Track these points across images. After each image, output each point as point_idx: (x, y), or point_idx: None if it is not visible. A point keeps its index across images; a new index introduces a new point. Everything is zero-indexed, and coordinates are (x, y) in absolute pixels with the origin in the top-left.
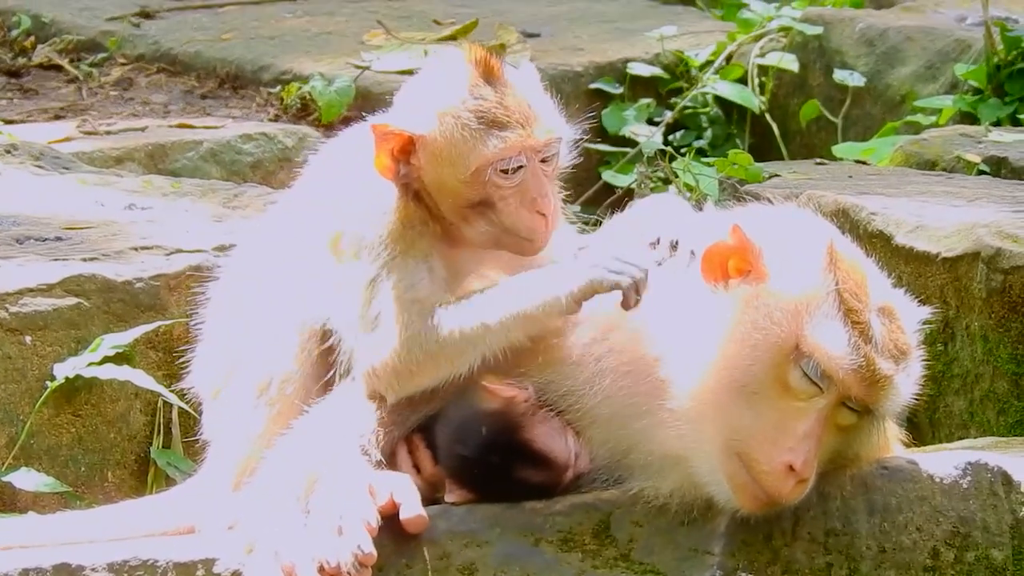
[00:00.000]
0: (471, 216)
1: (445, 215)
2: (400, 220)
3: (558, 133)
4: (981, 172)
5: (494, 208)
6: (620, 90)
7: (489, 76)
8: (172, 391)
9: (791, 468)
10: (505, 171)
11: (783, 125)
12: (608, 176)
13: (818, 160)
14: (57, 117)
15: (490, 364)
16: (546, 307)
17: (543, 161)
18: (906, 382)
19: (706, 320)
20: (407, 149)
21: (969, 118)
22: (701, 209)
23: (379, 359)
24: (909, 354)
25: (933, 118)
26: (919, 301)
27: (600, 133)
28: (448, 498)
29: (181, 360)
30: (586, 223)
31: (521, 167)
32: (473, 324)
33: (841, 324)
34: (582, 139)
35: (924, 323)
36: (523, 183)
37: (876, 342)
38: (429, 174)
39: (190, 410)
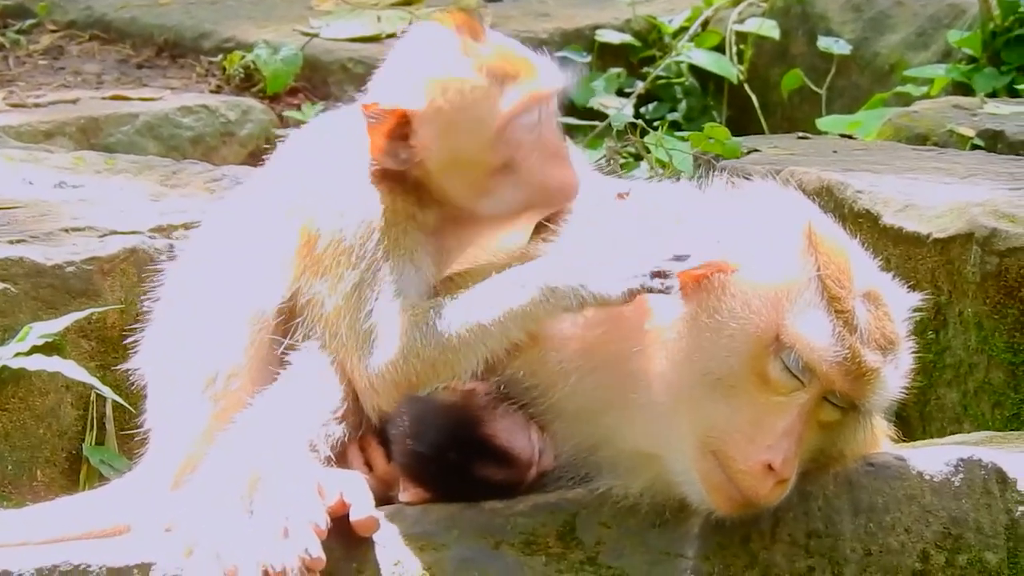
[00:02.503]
0: (492, 186)
1: (454, 199)
2: (384, 216)
3: (562, 80)
4: (975, 147)
5: (518, 169)
6: (588, 59)
7: (476, 36)
8: (106, 383)
9: (770, 467)
10: (526, 125)
11: (763, 96)
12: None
13: (801, 134)
14: None
15: (491, 366)
16: (549, 306)
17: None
18: (894, 375)
19: (679, 309)
20: (404, 130)
21: (963, 89)
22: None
23: (376, 372)
24: (897, 345)
25: (924, 89)
26: (909, 286)
27: (566, 105)
28: (402, 497)
29: (115, 350)
30: None
31: (536, 119)
32: (471, 326)
33: (824, 313)
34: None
35: (914, 311)
36: (541, 136)
37: (861, 332)
38: (438, 152)
39: (125, 403)
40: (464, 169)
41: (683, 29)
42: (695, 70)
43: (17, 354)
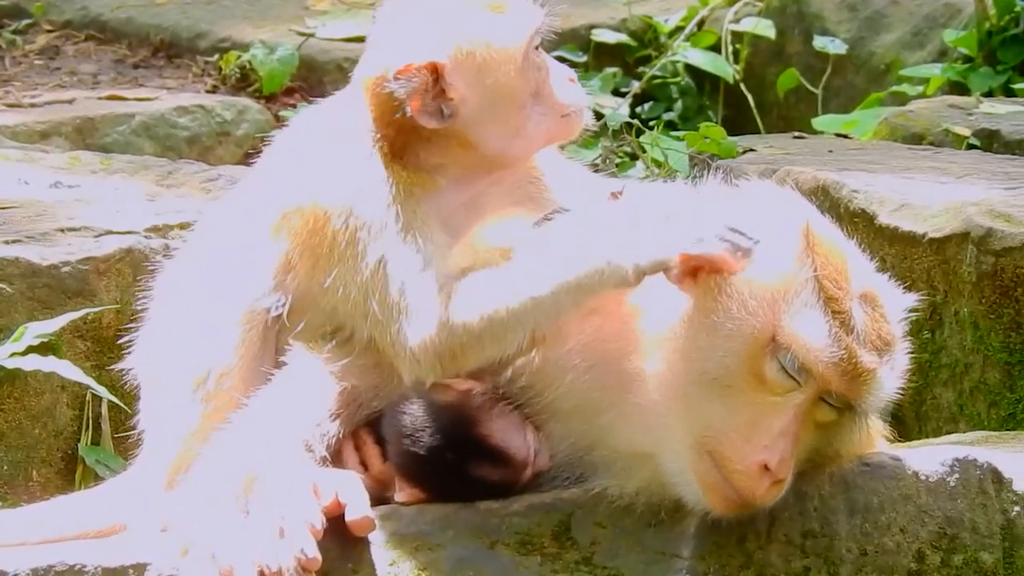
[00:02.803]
0: (523, 119)
1: (490, 143)
2: (395, 189)
3: (546, 7)
4: (971, 146)
5: (541, 95)
6: (584, 58)
7: None
8: (102, 383)
9: (766, 467)
10: (538, 47)
11: (759, 96)
12: (570, 151)
13: (796, 134)
14: None
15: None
16: (605, 277)
17: None
18: (890, 376)
19: (676, 308)
20: (440, 85)
21: (959, 88)
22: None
23: (417, 343)
24: (893, 345)
25: (920, 88)
26: (904, 286)
27: None
28: (397, 497)
29: (111, 350)
30: None
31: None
32: (521, 298)
33: (820, 314)
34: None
35: (910, 311)
36: (546, 60)
37: (858, 333)
38: (475, 96)
39: (120, 403)
40: (500, 107)
41: (679, 29)
42: (691, 70)
43: (13, 354)
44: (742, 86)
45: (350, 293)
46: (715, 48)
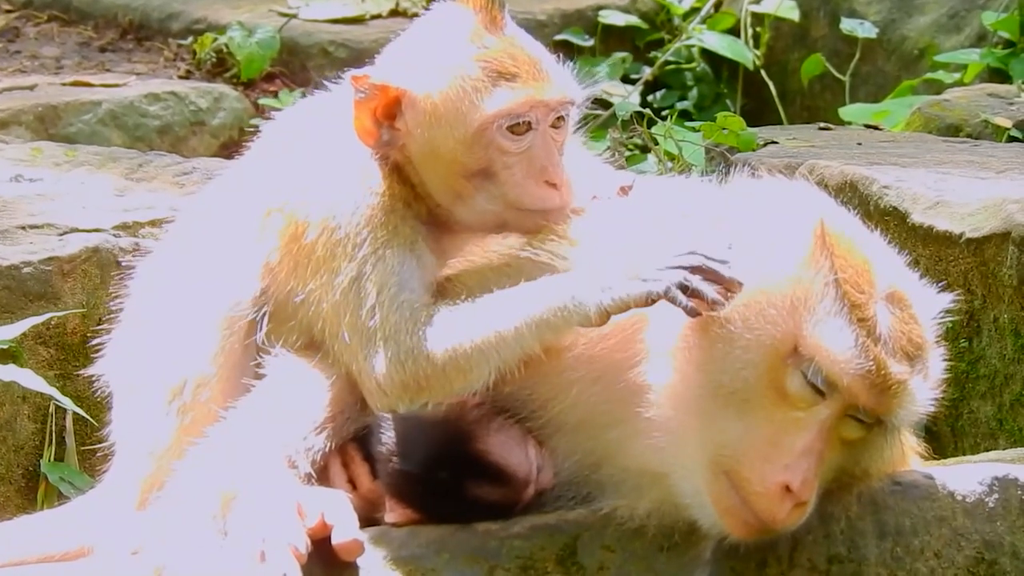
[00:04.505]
0: (467, 191)
1: (432, 194)
2: (381, 203)
3: (572, 94)
4: (1012, 138)
5: (496, 179)
6: (591, 42)
7: (492, 25)
8: (66, 394)
9: (787, 489)
10: (513, 130)
11: (781, 84)
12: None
13: (822, 124)
14: None
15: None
16: (568, 314)
17: (553, 126)
18: (923, 386)
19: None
20: (392, 109)
21: (999, 75)
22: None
23: (382, 373)
24: (925, 351)
25: (957, 75)
26: (939, 289)
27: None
28: (388, 518)
29: (76, 358)
30: None
31: (529, 129)
32: (486, 332)
33: (845, 321)
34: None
35: (945, 312)
36: (531, 149)
37: (885, 340)
38: (418, 140)
39: (86, 416)
40: (439, 166)
41: (694, 10)
42: (707, 55)
43: None
44: (763, 73)
45: (322, 310)
46: (734, 31)
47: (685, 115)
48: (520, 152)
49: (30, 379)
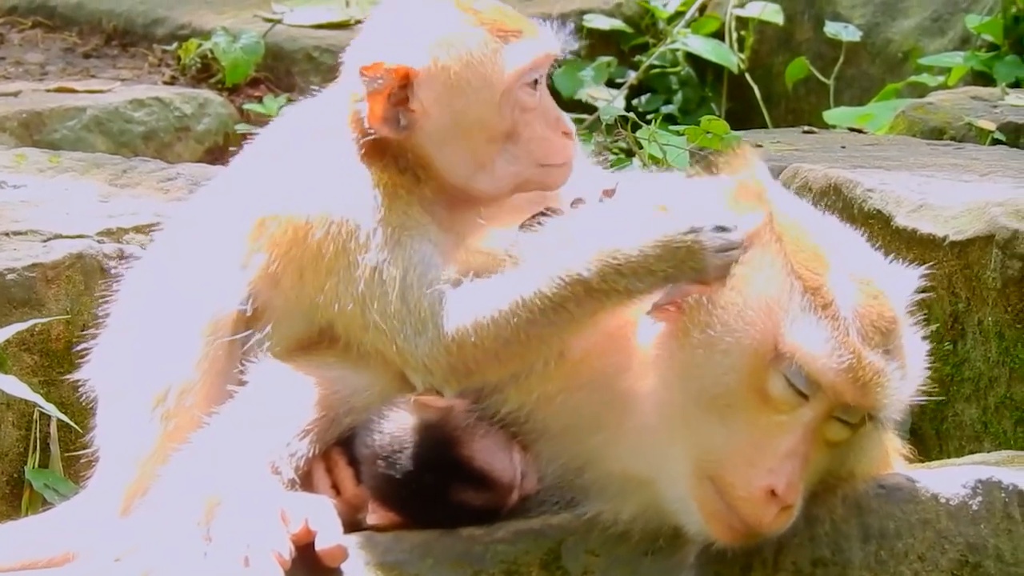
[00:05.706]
0: (489, 157)
1: (445, 172)
2: (384, 192)
3: (565, 44)
4: (996, 141)
5: (519, 138)
6: (575, 47)
7: None
8: (51, 400)
9: (772, 493)
10: (532, 85)
11: (765, 87)
12: None
13: (806, 128)
14: None
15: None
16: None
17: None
18: (904, 372)
19: (669, 324)
20: (404, 92)
21: (983, 78)
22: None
23: (429, 355)
24: (897, 327)
25: (940, 78)
26: (923, 292)
27: (552, 97)
28: (370, 519)
29: (60, 364)
30: None
31: (537, 83)
32: (532, 309)
33: (815, 315)
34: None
35: (919, 291)
36: (542, 102)
37: (851, 319)
38: (439, 116)
39: (71, 422)
40: (465, 135)
41: (679, 14)
42: (692, 58)
43: None
44: (747, 76)
45: (346, 306)
46: (718, 35)
47: (670, 119)
48: (535, 107)
49: (14, 386)
